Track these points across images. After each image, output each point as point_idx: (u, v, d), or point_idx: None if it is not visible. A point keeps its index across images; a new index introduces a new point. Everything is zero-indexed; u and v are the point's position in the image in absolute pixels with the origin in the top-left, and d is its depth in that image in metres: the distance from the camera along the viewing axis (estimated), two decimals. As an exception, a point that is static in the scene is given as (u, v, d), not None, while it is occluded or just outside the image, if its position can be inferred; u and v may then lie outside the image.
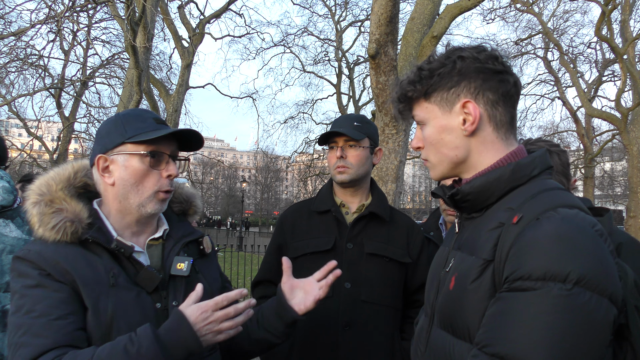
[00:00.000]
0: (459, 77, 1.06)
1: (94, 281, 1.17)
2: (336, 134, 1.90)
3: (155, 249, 1.33)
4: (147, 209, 1.28)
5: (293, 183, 60.05)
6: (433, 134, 1.11)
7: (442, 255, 1.20)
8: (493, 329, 0.89)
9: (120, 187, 1.26)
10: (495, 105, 1.06)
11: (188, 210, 1.50)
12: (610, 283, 0.86)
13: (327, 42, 21.94)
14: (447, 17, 6.47)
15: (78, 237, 1.21)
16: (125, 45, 9.29)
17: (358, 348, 1.77)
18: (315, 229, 1.92)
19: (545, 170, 1.07)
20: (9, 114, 16.90)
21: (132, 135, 1.26)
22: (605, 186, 29.80)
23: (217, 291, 1.41)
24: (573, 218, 0.91)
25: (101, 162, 1.28)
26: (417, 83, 1.10)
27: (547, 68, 20.37)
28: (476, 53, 1.07)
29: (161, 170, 1.29)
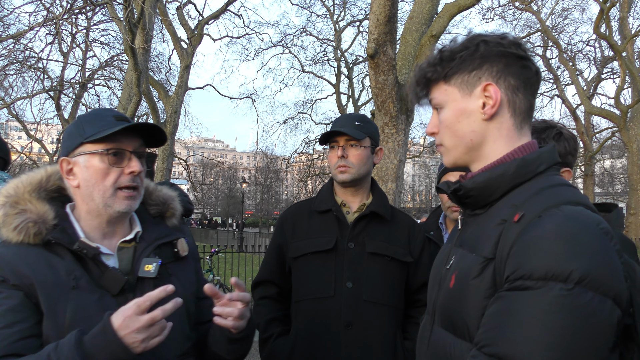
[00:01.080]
0: (482, 60, 1.04)
1: (54, 284, 1.14)
2: (337, 133, 1.89)
3: (127, 251, 1.30)
4: (114, 208, 1.25)
5: (293, 183, 60.08)
6: (450, 117, 1.08)
7: (444, 252, 1.18)
8: (492, 328, 0.88)
9: (85, 188, 1.25)
10: (516, 91, 1.04)
11: (165, 213, 1.46)
12: (614, 283, 0.82)
13: (326, 42, 21.97)
14: (445, 16, 6.47)
15: (42, 238, 1.18)
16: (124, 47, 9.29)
17: (360, 348, 1.77)
18: (316, 228, 1.92)
19: (553, 166, 1.05)
20: (9, 117, 16.91)
21: (90, 134, 1.23)
22: (605, 184, 29.81)
23: (191, 295, 1.37)
24: (576, 215, 0.89)
25: (64, 165, 1.26)
26: (438, 65, 1.08)
27: (546, 66, 20.38)
28: (500, 39, 1.05)
29: (123, 167, 1.26)
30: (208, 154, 63.89)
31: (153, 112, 12.40)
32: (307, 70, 22.52)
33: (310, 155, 24.81)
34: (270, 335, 1.87)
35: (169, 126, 12.57)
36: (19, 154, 17.70)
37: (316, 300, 1.82)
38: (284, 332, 1.88)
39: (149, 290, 1.22)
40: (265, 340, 1.88)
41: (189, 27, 14.42)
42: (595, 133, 21.24)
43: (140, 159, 1.29)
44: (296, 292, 1.90)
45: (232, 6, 16.00)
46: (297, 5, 20.01)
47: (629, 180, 14.32)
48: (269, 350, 1.86)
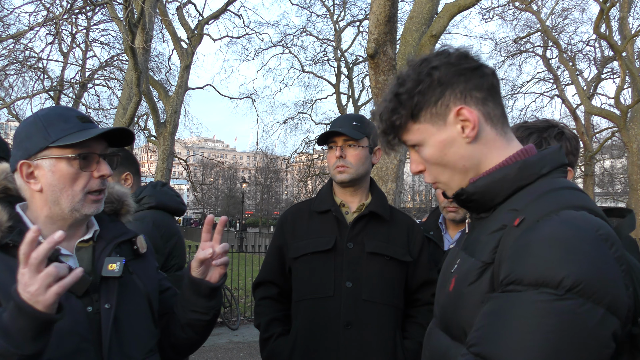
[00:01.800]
0: (441, 87, 1.02)
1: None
2: (335, 133, 1.90)
3: (85, 251, 1.27)
4: (81, 212, 1.22)
5: (293, 183, 60.07)
6: (435, 153, 1.05)
7: (453, 255, 1.17)
8: (481, 328, 0.88)
9: (49, 193, 1.20)
10: (485, 102, 1.03)
11: (120, 210, 1.44)
12: (608, 291, 0.79)
13: (326, 42, 21.96)
14: (445, 16, 6.47)
15: None
16: (124, 47, 9.30)
17: (359, 347, 1.77)
18: (315, 229, 1.92)
19: (558, 168, 1.02)
20: (9, 117, 16.91)
21: (56, 138, 1.18)
22: (605, 184, 29.80)
23: (153, 291, 1.36)
24: (574, 220, 0.86)
25: (24, 168, 1.20)
26: (400, 108, 1.04)
27: (546, 66, 20.38)
28: (445, 58, 1.03)
29: (92, 171, 1.23)
30: (208, 154, 63.94)
31: (153, 112, 12.40)
32: (307, 70, 22.52)
33: (310, 155, 24.81)
34: (271, 335, 1.88)
35: (169, 126, 12.57)
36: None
37: (316, 300, 1.82)
38: (285, 332, 1.89)
39: (113, 289, 1.23)
40: (266, 340, 1.89)
41: (189, 27, 14.42)
42: (595, 133, 21.24)
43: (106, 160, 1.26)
44: (296, 292, 1.91)
45: (232, 6, 16.01)
46: (297, 5, 20.02)
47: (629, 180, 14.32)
48: (270, 350, 1.86)
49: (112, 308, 1.21)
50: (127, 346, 1.23)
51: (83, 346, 1.15)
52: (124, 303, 1.25)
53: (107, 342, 1.18)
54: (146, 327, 1.30)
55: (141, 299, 1.31)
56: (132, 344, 1.24)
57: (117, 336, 1.21)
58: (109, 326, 1.19)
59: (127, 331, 1.23)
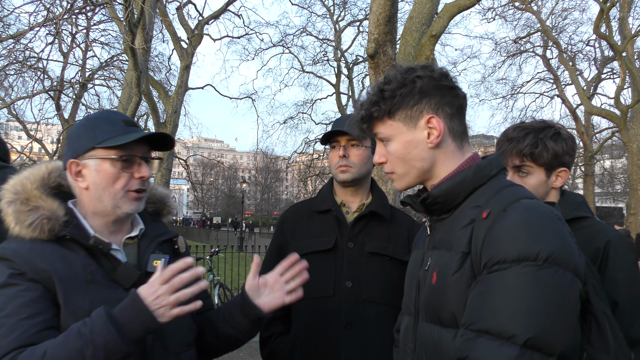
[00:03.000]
0: (420, 95, 1.17)
1: (71, 278, 1.18)
2: (339, 133, 1.90)
3: (131, 247, 1.36)
4: (123, 209, 1.30)
5: (293, 183, 60.09)
6: (400, 149, 1.20)
7: (417, 257, 1.30)
8: (475, 308, 1.00)
9: (94, 191, 1.29)
10: (452, 118, 1.19)
11: (162, 211, 1.53)
12: (572, 259, 0.98)
13: (326, 42, 21.96)
14: (445, 16, 6.47)
15: (55, 234, 1.22)
16: (124, 47, 9.30)
17: (359, 347, 1.77)
18: (315, 228, 1.92)
19: (501, 170, 1.20)
20: (9, 117, 16.90)
21: (102, 140, 1.27)
22: (605, 184, 29.82)
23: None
24: (535, 206, 1.04)
25: (73, 167, 1.30)
26: (381, 103, 1.18)
27: (546, 66, 20.39)
28: (430, 72, 1.18)
29: (133, 172, 1.31)
30: (208, 154, 63.91)
31: (153, 112, 12.40)
32: (307, 70, 22.51)
33: (310, 155, 24.79)
34: (271, 335, 1.88)
35: (169, 126, 12.57)
36: (19, 154, 17.68)
37: (316, 300, 1.82)
38: (285, 331, 1.89)
39: None
40: (266, 339, 1.89)
41: (189, 27, 14.41)
42: (595, 133, 21.23)
43: (148, 163, 1.34)
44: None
45: (232, 6, 16.01)
46: (297, 5, 20.02)
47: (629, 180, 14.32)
48: (270, 349, 1.86)
49: None
50: (168, 339, 1.30)
51: None
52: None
53: (151, 336, 1.24)
54: (185, 322, 1.37)
55: None
56: (172, 338, 1.31)
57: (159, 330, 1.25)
58: None
59: (169, 325, 1.28)
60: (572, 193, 1.78)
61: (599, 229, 1.59)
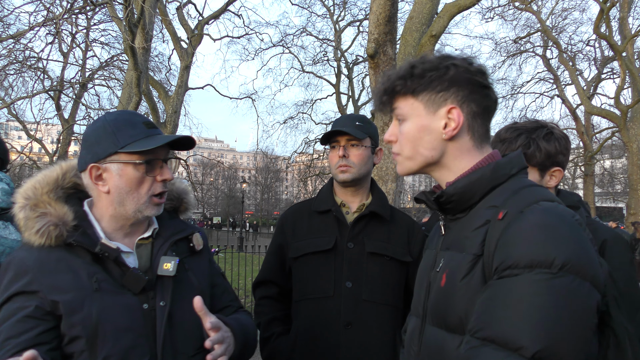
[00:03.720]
0: (450, 83, 1.10)
1: (76, 288, 1.17)
2: (338, 133, 1.90)
3: (145, 248, 1.33)
4: (144, 214, 1.29)
5: (293, 183, 60.08)
6: (413, 131, 1.14)
7: (429, 257, 1.23)
8: (483, 314, 0.94)
9: (116, 195, 1.27)
10: (476, 117, 1.12)
11: (179, 207, 1.50)
12: (591, 268, 0.90)
13: (326, 42, 21.96)
14: (445, 16, 6.47)
15: (63, 240, 1.21)
16: (124, 47, 9.29)
17: (359, 347, 1.77)
18: (315, 228, 1.92)
19: (522, 169, 1.13)
20: (8, 117, 16.91)
21: (124, 144, 1.25)
22: (605, 184, 29.81)
23: (206, 288, 1.41)
24: (554, 209, 0.97)
25: (94, 171, 1.27)
26: (408, 79, 1.13)
27: (546, 66, 20.39)
28: (468, 64, 1.12)
29: (156, 175, 1.29)
30: (208, 154, 63.85)
31: (153, 112, 12.40)
32: (307, 70, 22.51)
33: (310, 155, 24.78)
34: (271, 335, 1.88)
35: (169, 126, 12.57)
36: (19, 154, 17.68)
37: (316, 300, 1.82)
38: (285, 331, 1.89)
39: (168, 288, 1.29)
40: (266, 339, 1.89)
41: (189, 27, 14.42)
42: (595, 133, 21.24)
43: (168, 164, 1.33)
44: (296, 292, 1.90)
45: (232, 6, 16.02)
46: (297, 5, 20.02)
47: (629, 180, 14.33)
48: (270, 349, 1.86)
49: (167, 306, 1.26)
50: (180, 343, 1.28)
51: (138, 342, 1.20)
52: (179, 301, 1.29)
53: (161, 339, 1.23)
54: (199, 324, 1.31)
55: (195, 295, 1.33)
56: (184, 341, 1.29)
57: (170, 333, 1.26)
58: (163, 323, 1.24)
59: (180, 328, 1.28)
60: (568, 192, 1.78)
61: (595, 228, 1.59)
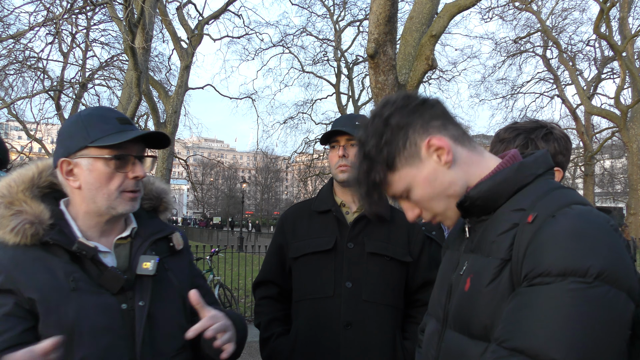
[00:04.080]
0: (402, 130, 1.07)
1: (53, 288, 1.14)
2: (338, 132, 1.90)
3: (123, 248, 1.30)
4: (117, 210, 1.26)
5: (293, 183, 60.07)
6: (425, 191, 1.08)
7: (452, 259, 1.18)
8: (512, 323, 0.89)
9: (87, 191, 1.24)
10: (445, 127, 1.08)
11: (159, 207, 1.47)
12: (628, 277, 0.86)
13: (326, 42, 21.98)
14: (445, 16, 6.47)
15: (39, 239, 1.18)
16: (124, 47, 9.29)
17: (359, 348, 1.77)
18: (316, 228, 1.92)
19: (549, 169, 1.08)
20: (8, 117, 16.92)
21: (95, 138, 1.22)
22: (605, 184, 29.82)
23: (187, 288, 1.36)
24: (588, 214, 0.92)
25: (64, 165, 1.24)
26: (375, 165, 1.08)
27: (546, 66, 20.40)
28: (392, 105, 1.08)
29: (127, 172, 1.26)
30: (208, 154, 63.87)
31: (153, 112, 12.40)
32: (307, 70, 22.53)
33: (310, 155, 24.81)
34: (271, 335, 1.88)
35: (169, 126, 12.58)
36: (19, 154, 17.68)
37: (316, 300, 1.82)
38: (285, 331, 1.89)
39: (147, 287, 1.25)
40: (266, 339, 1.89)
41: (189, 27, 14.42)
42: (595, 133, 21.25)
43: (142, 162, 1.29)
44: (296, 292, 1.90)
45: (232, 6, 16.03)
46: (297, 5, 20.03)
47: (629, 180, 14.33)
48: (270, 349, 1.86)
49: (146, 305, 1.23)
50: (160, 343, 1.25)
51: (117, 343, 1.17)
52: (158, 300, 1.27)
53: (140, 339, 1.20)
54: (179, 324, 1.31)
55: (175, 297, 1.32)
56: (164, 341, 1.26)
57: (150, 333, 1.23)
58: (142, 323, 1.21)
59: (160, 328, 1.26)
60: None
61: None
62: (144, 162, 1.31)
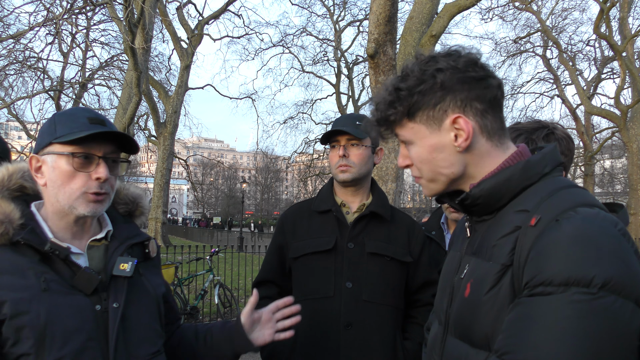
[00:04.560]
0: (442, 91, 1.00)
1: (23, 287, 1.12)
2: (339, 132, 1.89)
3: (97, 250, 1.29)
4: (78, 210, 1.23)
5: (293, 183, 60.07)
6: (423, 154, 1.05)
7: (454, 260, 1.15)
8: (513, 335, 0.85)
9: (50, 189, 1.23)
10: (484, 114, 1.01)
11: (134, 212, 1.46)
12: (636, 286, 0.81)
13: (326, 42, 21.99)
14: (445, 16, 6.48)
15: (9, 239, 1.16)
16: (124, 47, 9.29)
17: (360, 348, 1.77)
18: (316, 228, 1.91)
19: (557, 167, 1.02)
20: (9, 117, 16.93)
21: (60, 135, 1.21)
22: (605, 184, 29.81)
23: (161, 296, 1.38)
24: (594, 218, 0.87)
25: (33, 162, 1.24)
26: (397, 104, 1.03)
27: (546, 66, 20.40)
28: (453, 62, 1.00)
29: (90, 172, 1.23)
30: (208, 154, 63.87)
31: (153, 112, 12.40)
32: (307, 70, 22.54)
33: (310, 155, 24.81)
34: (271, 335, 1.87)
35: (169, 126, 12.58)
36: (19, 154, 17.69)
37: (316, 301, 1.82)
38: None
39: (122, 289, 1.24)
40: (266, 340, 1.88)
41: (189, 27, 14.44)
42: (595, 133, 21.25)
43: (111, 164, 1.26)
44: (296, 292, 1.90)
45: (232, 6, 16.05)
46: (297, 5, 20.04)
47: (629, 180, 14.33)
48: (270, 350, 1.86)
49: (120, 307, 1.22)
50: (134, 345, 1.24)
51: (89, 344, 1.15)
52: (132, 303, 1.26)
53: (114, 341, 1.19)
54: (153, 327, 1.32)
55: (149, 300, 1.32)
56: (138, 344, 1.26)
57: (124, 335, 1.22)
58: (116, 325, 1.20)
59: (134, 331, 1.25)
60: None
61: None
62: (117, 166, 1.28)
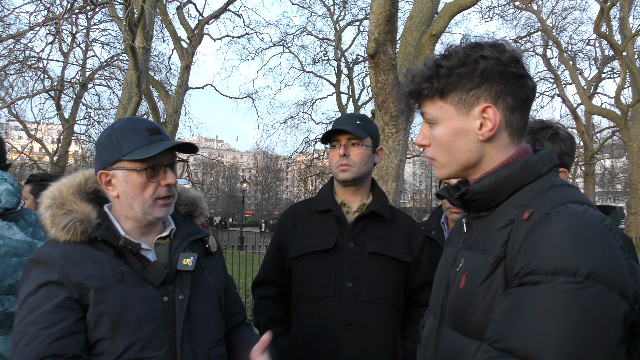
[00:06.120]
0: (481, 79, 1.02)
1: (101, 278, 1.25)
2: (339, 131, 1.89)
3: (163, 247, 1.42)
4: (153, 215, 1.36)
5: (293, 183, 60.07)
6: (445, 135, 1.07)
7: (450, 255, 1.18)
8: (503, 323, 0.89)
9: (124, 199, 1.35)
10: (513, 110, 1.04)
11: (194, 212, 1.60)
12: (620, 277, 0.85)
13: (326, 41, 21.98)
14: (445, 16, 6.47)
15: (88, 236, 1.29)
16: (124, 47, 9.29)
17: (360, 347, 1.77)
18: (316, 228, 1.91)
19: (554, 167, 1.07)
20: (9, 117, 16.93)
21: (127, 152, 1.33)
22: (606, 183, 29.82)
23: (221, 289, 1.49)
24: (583, 213, 0.91)
25: (103, 177, 1.36)
26: (434, 80, 1.05)
27: (547, 65, 20.39)
28: (498, 54, 1.02)
29: (159, 180, 1.36)
30: (208, 153, 63.85)
31: (153, 111, 12.40)
32: (307, 70, 22.53)
33: (310, 154, 24.80)
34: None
35: (169, 126, 12.58)
36: (19, 154, 17.69)
37: (316, 300, 1.82)
38: (284, 331, 1.88)
39: (187, 282, 1.37)
40: (266, 339, 1.88)
41: (189, 26, 14.43)
42: (595, 132, 21.26)
43: (173, 168, 1.39)
44: (296, 292, 1.90)
45: (232, 6, 16.03)
46: (297, 4, 20.03)
47: (630, 180, 14.34)
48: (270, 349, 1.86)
49: (185, 299, 1.34)
50: (198, 334, 1.36)
51: (158, 332, 1.28)
52: (196, 295, 1.39)
53: (180, 330, 1.31)
54: (215, 318, 1.43)
55: (211, 293, 1.44)
56: (202, 333, 1.37)
57: (189, 325, 1.33)
58: (182, 315, 1.32)
59: (198, 321, 1.37)
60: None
61: None
62: (175, 168, 1.41)
